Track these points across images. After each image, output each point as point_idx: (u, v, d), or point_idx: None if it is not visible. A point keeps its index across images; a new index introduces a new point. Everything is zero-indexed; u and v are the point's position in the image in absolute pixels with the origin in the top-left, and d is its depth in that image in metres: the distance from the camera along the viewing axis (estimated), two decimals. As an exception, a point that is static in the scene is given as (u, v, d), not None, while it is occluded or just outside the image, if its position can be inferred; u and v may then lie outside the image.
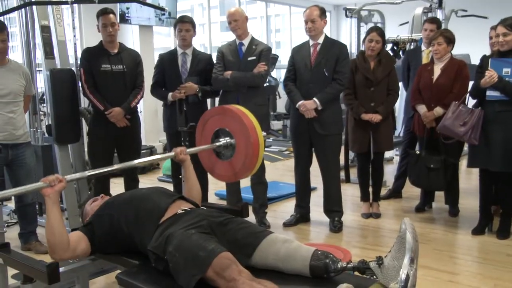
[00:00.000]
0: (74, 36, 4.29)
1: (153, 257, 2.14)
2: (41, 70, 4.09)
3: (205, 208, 2.51)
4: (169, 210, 2.31)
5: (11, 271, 2.26)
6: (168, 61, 4.17)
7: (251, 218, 4.11)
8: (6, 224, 4.21)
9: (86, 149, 4.24)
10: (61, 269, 2.12)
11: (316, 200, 4.45)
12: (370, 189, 4.52)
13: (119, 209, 2.39)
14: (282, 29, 12.19)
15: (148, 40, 7.44)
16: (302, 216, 4.28)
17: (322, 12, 3.96)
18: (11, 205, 4.54)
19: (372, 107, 4.18)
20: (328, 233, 4.08)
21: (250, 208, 4.00)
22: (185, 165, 2.78)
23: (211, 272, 1.90)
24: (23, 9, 4.17)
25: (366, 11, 6.75)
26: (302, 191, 4.28)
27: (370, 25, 6.20)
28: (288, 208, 4.64)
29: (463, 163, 5.08)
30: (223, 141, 2.84)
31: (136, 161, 2.86)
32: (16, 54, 4.98)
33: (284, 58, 9.77)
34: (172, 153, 2.77)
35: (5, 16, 4.31)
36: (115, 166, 2.59)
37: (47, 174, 3.81)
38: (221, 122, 2.87)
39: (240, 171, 2.85)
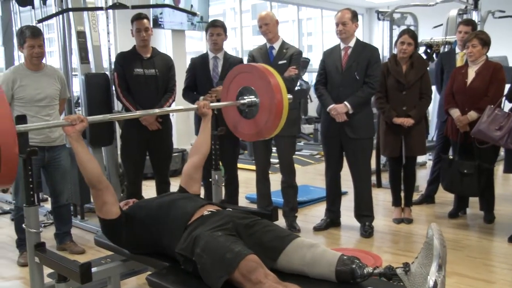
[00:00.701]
0: (109, 41, 4.39)
1: (181, 258, 2.17)
2: (77, 75, 4.20)
3: (231, 209, 2.52)
4: (196, 213, 2.33)
5: (47, 270, 2.32)
6: (199, 65, 4.21)
7: (281, 222, 4.12)
8: (42, 224, 4.33)
9: (119, 152, 4.32)
10: (93, 269, 2.16)
11: (347, 205, 4.41)
12: (402, 194, 4.45)
13: (149, 213, 2.43)
14: (314, 33, 12.15)
15: (180, 44, 7.52)
16: (332, 220, 4.26)
17: (354, 15, 3.93)
18: (48, 206, 4.66)
19: (404, 111, 4.13)
20: (358, 238, 4.04)
21: (280, 212, 4.02)
22: (206, 118, 2.85)
23: (238, 274, 1.92)
24: (60, 16, 4.29)
25: (399, 14, 6.67)
26: (333, 195, 4.25)
27: (403, 27, 6.13)
28: (318, 212, 4.62)
29: (499, 168, 4.96)
30: (247, 99, 2.86)
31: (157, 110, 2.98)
32: (53, 59, 5.12)
33: (315, 62, 9.74)
34: (195, 106, 2.84)
35: (44, 23, 4.44)
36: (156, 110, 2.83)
37: (81, 176, 3.91)
38: (247, 80, 2.88)
39: (262, 130, 2.87)
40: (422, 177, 5.61)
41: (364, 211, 4.11)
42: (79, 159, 2.29)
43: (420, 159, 5.76)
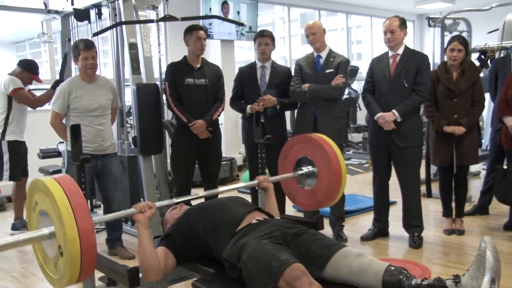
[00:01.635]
0: (159, 52, 4.50)
1: (228, 265, 2.20)
2: (129, 85, 4.33)
3: (279, 218, 2.54)
4: (245, 220, 2.36)
5: (98, 274, 2.40)
6: (247, 74, 4.26)
7: (328, 231, 4.09)
8: (95, 230, 4.47)
9: (168, 160, 4.41)
10: (141, 275, 2.22)
11: (395, 215, 4.33)
12: (453, 205, 4.33)
13: (197, 218, 2.47)
14: (363, 40, 12.03)
15: (229, 54, 7.63)
16: (380, 230, 4.19)
17: (402, 22, 3.88)
18: (100, 212, 4.82)
19: (455, 119, 4.03)
20: (407, 249, 3.96)
21: (327, 221, 4.00)
22: (267, 193, 2.82)
23: (283, 282, 1.93)
24: (114, 29, 4.45)
25: (451, 20, 6.51)
26: (381, 205, 4.19)
27: (455, 34, 5.97)
28: (366, 222, 4.56)
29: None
30: (305, 169, 2.88)
31: (220, 189, 2.87)
32: (107, 70, 5.31)
33: (365, 70, 9.64)
34: (255, 181, 2.84)
35: (99, 36, 4.62)
36: (201, 194, 2.70)
37: (132, 183, 4.02)
38: (303, 151, 2.91)
39: (322, 199, 2.87)
40: (476, 187, 5.44)
41: (413, 221, 4.03)
42: (142, 247, 2.25)
43: (473, 168, 5.59)
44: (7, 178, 4.67)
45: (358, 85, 10.03)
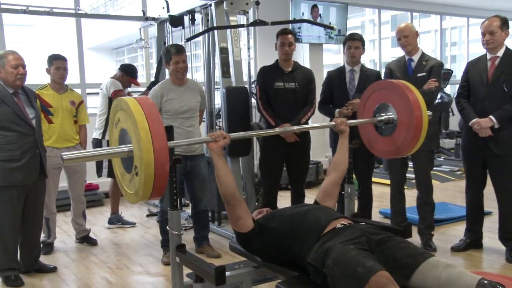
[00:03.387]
0: (249, 56, 4.60)
1: (312, 269, 2.19)
2: (219, 88, 4.46)
3: (364, 223, 2.49)
4: (330, 225, 2.34)
5: (186, 270, 2.48)
6: (336, 78, 4.23)
7: (416, 239, 3.95)
8: (183, 228, 4.65)
9: (256, 162, 4.48)
10: (227, 273, 2.26)
11: (490, 226, 4.10)
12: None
13: (281, 223, 2.48)
14: (459, 43, 11.51)
15: (317, 57, 7.60)
16: (472, 241, 3.98)
17: (504, 22, 3.67)
18: (189, 210, 4.99)
19: None
20: (503, 263, 3.73)
21: (415, 229, 3.86)
22: (343, 135, 2.85)
23: (368, 290, 1.89)
24: (206, 34, 4.61)
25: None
26: (474, 215, 3.98)
27: None
28: (457, 232, 4.36)
29: None
30: (384, 116, 2.83)
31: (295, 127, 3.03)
32: (199, 73, 5.50)
33: (459, 73, 9.22)
34: (333, 123, 2.87)
35: (191, 40, 4.81)
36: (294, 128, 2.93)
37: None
38: (385, 97, 2.85)
39: (400, 147, 2.82)
40: None
41: (510, 234, 3.79)
42: (218, 173, 2.41)
43: None
44: (105, 175, 4.96)
45: (451, 89, 9.61)
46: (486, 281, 1.92)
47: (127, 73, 4.97)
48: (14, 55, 3.51)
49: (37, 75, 5.13)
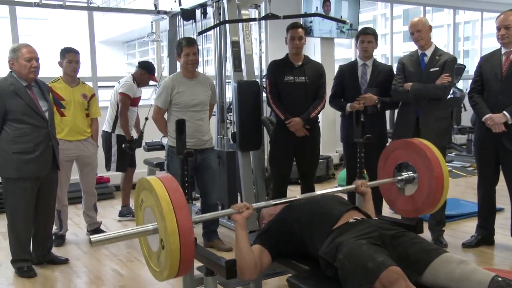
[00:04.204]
0: (260, 50, 4.58)
1: (323, 262, 2.19)
2: (230, 82, 4.45)
3: (377, 219, 2.49)
4: (342, 218, 2.34)
5: (196, 263, 2.49)
6: (348, 72, 4.21)
7: (427, 235, 3.94)
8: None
9: (266, 157, 4.48)
10: (238, 274, 2.28)
11: (503, 222, 4.08)
12: None
13: (294, 215, 2.49)
14: (472, 37, 11.40)
15: (329, 51, 7.57)
16: (484, 238, 3.96)
17: (519, 17, 3.63)
18: (199, 204, 5.00)
19: None
20: (516, 260, 3.71)
21: (426, 225, 3.85)
22: (365, 198, 2.81)
23: (379, 285, 1.90)
24: (217, 27, 4.60)
25: None
26: (486, 211, 3.95)
27: None
28: (468, 228, 4.34)
29: None
30: (405, 175, 2.84)
31: (318, 192, 2.84)
32: (210, 67, 5.50)
33: (472, 68, 9.11)
34: (353, 186, 2.84)
35: (203, 35, 4.80)
36: (298, 197, 2.66)
37: (230, 178, 4.12)
38: (404, 156, 2.87)
39: (422, 206, 2.81)
40: None
41: (523, 231, 3.77)
42: (239, 245, 2.33)
43: None
44: (113, 169, 4.99)
45: (463, 84, 9.54)
46: (500, 279, 1.91)
47: (148, 70, 4.99)
48: (28, 48, 3.53)
49: (49, 68, 5.16)
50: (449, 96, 5.68)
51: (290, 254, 2.48)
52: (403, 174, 2.86)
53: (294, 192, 5.02)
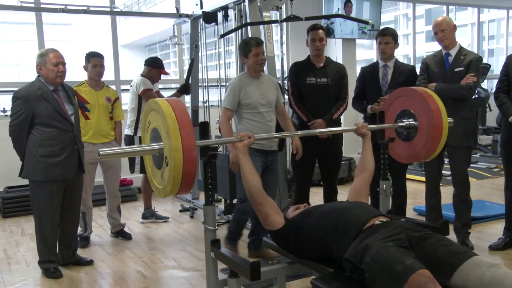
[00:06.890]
0: (282, 51, 4.58)
1: (349, 265, 2.16)
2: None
3: (403, 220, 2.46)
4: (369, 222, 2.31)
5: (220, 265, 2.50)
6: (369, 73, 4.18)
7: (452, 237, 3.88)
8: (217, 223, 4.66)
9: (288, 159, 4.46)
10: (262, 269, 2.27)
11: (530, 225, 3.99)
12: None
13: (319, 219, 2.46)
14: (497, 36, 11.21)
15: (350, 52, 7.52)
16: (512, 240, 3.89)
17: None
18: (221, 206, 5.02)
19: None
20: (545, 263, 3.64)
21: (451, 227, 3.79)
22: (365, 139, 2.92)
23: (407, 288, 1.86)
24: (239, 30, 4.62)
25: None
26: (513, 213, 3.88)
27: None
28: (495, 230, 4.26)
29: None
30: (406, 122, 2.97)
31: (317, 131, 3.20)
32: (231, 70, 5.51)
33: (497, 68, 8.97)
34: (353, 127, 2.96)
35: (224, 37, 4.82)
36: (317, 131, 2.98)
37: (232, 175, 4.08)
38: (406, 103, 2.99)
39: (420, 153, 2.95)
40: None
41: (551, 233, 3.69)
42: (243, 171, 2.50)
43: None
44: (137, 171, 5.02)
45: (488, 84, 9.38)
46: (532, 282, 1.86)
47: (154, 66, 4.94)
48: (55, 53, 3.59)
49: (73, 73, 5.24)
50: (473, 96, 5.61)
51: (314, 258, 2.47)
52: (403, 120, 2.98)
53: (316, 194, 5.00)
